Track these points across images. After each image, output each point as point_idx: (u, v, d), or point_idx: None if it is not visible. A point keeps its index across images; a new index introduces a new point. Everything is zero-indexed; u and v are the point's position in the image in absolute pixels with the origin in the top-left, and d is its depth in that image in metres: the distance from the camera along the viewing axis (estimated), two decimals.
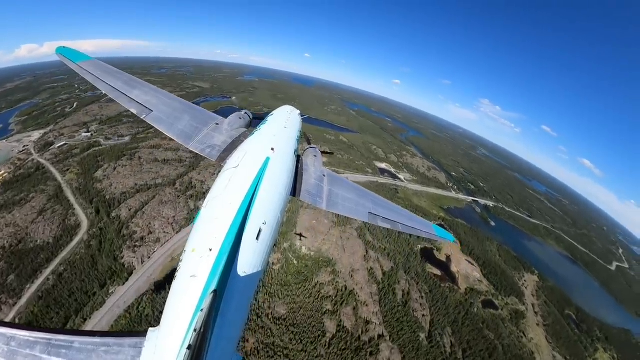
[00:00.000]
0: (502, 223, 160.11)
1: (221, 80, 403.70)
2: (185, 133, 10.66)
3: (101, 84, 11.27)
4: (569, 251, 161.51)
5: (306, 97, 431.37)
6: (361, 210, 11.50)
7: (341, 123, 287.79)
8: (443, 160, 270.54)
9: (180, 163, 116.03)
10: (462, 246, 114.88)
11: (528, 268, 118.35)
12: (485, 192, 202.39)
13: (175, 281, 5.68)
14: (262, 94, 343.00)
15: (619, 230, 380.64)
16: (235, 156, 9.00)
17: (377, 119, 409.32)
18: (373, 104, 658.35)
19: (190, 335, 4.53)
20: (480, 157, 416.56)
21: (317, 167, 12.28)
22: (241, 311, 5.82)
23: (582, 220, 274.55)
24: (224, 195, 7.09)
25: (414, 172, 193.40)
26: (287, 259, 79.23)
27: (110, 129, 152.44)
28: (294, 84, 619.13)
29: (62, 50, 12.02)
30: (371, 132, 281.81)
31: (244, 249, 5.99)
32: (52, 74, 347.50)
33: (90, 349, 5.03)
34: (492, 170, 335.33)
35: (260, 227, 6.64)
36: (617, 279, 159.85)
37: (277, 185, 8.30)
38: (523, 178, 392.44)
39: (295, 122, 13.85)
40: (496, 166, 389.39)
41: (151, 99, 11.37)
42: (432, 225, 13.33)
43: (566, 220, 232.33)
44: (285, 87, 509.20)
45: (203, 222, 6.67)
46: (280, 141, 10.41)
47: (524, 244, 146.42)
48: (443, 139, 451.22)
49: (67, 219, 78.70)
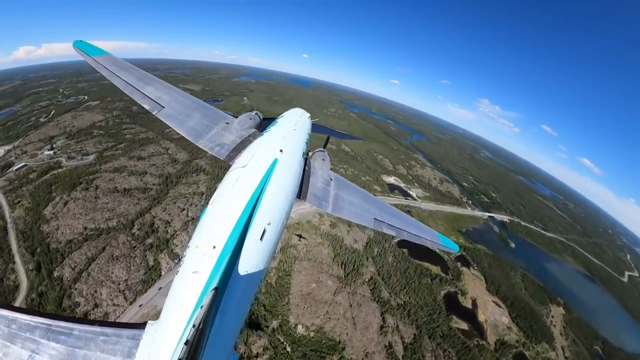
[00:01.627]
0: (521, 242, 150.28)
1: (215, 82, 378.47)
2: (196, 131, 10.56)
3: (116, 78, 11.21)
4: (585, 267, 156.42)
5: (304, 98, 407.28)
6: (366, 216, 11.11)
7: (342, 128, 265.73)
8: (452, 168, 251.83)
9: (144, 193, 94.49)
10: (487, 283, 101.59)
11: (553, 299, 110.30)
12: (499, 204, 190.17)
13: (177, 276, 5.61)
14: (256, 96, 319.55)
15: (621, 231, 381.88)
16: (243, 156, 8.91)
17: (378, 122, 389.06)
18: (373, 105, 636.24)
19: (188, 331, 4.47)
20: (485, 161, 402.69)
21: (325, 170, 11.83)
22: (241, 310, 5.76)
23: (589, 225, 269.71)
24: (230, 194, 7.02)
25: (426, 186, 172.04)
26: (276, 345, 56.66)
27: (77, 144, 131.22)
28: (291, 85, 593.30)
29: (79, 44, 12.02)
30: (375, 138, 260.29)
31: (247, 249, 5.88)
32: (42, 77, 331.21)
33: (89, 337, 5.01)
34: (499, 175, 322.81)
35: (265, 227, 6.49)
36: (631, 292, 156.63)
37: (284, 186, 8.11)
38: (527, 181, 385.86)
39: (304, 124, 13.37)
40: (501, 170, 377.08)
41: (163, 96, 11.21)
42: (438, 234, 12.80)
43: (576, 228, 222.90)
44: (282, 88, 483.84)
45: (208, 219, 6.60)
46: (289, 143, 10.11)
47: (545, 266, 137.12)
48: (446, 142, 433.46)
49: (5, 277, 60.63)
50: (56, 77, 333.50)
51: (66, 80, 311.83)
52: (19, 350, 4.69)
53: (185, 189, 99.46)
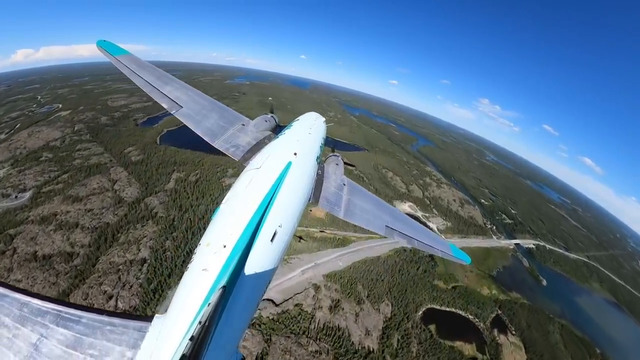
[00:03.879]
0: (551, 275, 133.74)
1: (205, 85, 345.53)
2: (212, 131, 10.68)
3: (136, 77, 11.27)
4: (612, 292, 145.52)
5: (301, 102, 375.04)
6: (378, 223, 10.85)
7: (344, 136, 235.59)
8: (465, 180, 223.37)
9: (67, 264, 63.82)
10: (528, 353, 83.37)
11: (592, 352, 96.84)
12: (520, 224, 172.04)
13: (186, 272, 5.58)
14: (248, 99, 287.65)
15: (627, 232, 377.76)
16: (258, 157, 8.84)
17: (381, 126, 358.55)
18: (373, 106, 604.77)
19: (194, 327, 4.45)
20: (492, 166, 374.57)
21: (338, 175, 11.68)
22: (247, 311, 5.67)
23: (601, 233, 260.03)
24: (243, 194, 6.98)
25: (446, 212, 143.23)
26: None
27: (19, 174, 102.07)
28: (288, 87, 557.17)
29: (102, 43, 12.01)
30: (380, 148, 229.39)
31: (257, 249, 5.84)
32: (30, 82, 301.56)
33: (97, 325, 5.05)
34: (510, 183, 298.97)
35: (276, 229, 6.42)
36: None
37: (297, 190, 8.03)
38: (535, 185, 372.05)
39: (319, 129, 13.13)
40: (510, 175, 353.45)
41: (182, 96, 11.28)
42: (450, 245, 12.24)
43: (592, 241, 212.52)
44: (278, 90, 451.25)
45: (220, 218, 6.58)
46: (303, 147, 9.86)
47: (578, 303, 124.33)
48: (452, 146, 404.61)
49: None
50: (42, 82, 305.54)
51: (50, 85, 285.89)
52: (29, 333, 4.78)
53: (120, 254, 69.53)
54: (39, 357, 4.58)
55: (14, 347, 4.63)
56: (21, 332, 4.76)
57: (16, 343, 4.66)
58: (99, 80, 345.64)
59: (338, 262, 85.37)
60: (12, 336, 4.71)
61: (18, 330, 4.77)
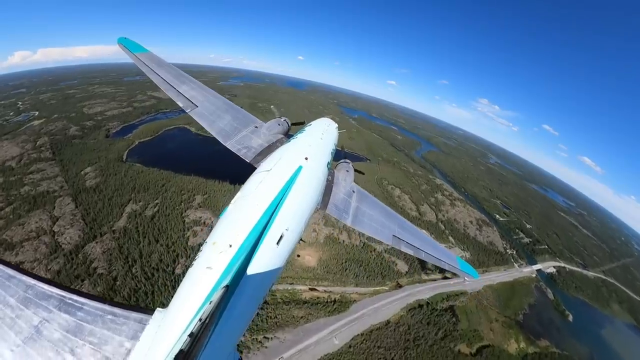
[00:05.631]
0: (575, 304, 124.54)
1: None
2: (225, 132, 10.70)
3: (154, 75, 11.44)
4: (632, 314, 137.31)
5: (295, 103, 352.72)
6: (386, 232, 10.66)
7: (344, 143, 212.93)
8: (477, 192, 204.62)
9: None
10: None
11: None
12: (537, 242, 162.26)
13: (191, 269, 5.55)
14: (238, 102, 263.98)
15: (629, 233, 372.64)
16: (269, 160, 8.84)
17: (382, 130, 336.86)
18: (372, 108, 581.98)
19: (194, 324, 4.45)
20: (499, 170, 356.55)
21: (348, 182, 11.55)
22: (248, 311, 5.59)
23: (608, 237, 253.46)
24: (252, 196, 6.90)
25: (463, 238, 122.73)
26: None
27: None
28: (283, 88, 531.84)
29: (123, 40, 12.07)
30: (384, 157, 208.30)
31: (262, 251, 5.76)
32: (19, 86, 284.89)
33: (98, 314, 5.06)
34: (519, 190, 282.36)
35: (283, 232, 6.35)
36: None
37: (306, 194, 7.92)
38: (541, 189, 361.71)
39: (331, 134, 13.08)
40: (517, 181, 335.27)
41: (197, 95, 11.43)
42: (457, 258, 11.90)
43: (604, 251, 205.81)
44: (272, 92, 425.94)
45: (228, 218, 6.53)
46: (314, 152, 9.86)
47: (603, 336, 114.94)
48: (455, 149, 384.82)
49: None
50: (30, 86, 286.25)
51: (35, 89, 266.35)
52: (31, 315, 4.82)
53: None
54: (39, 339, 4.61)
55: (16, 327, 4.67)
56: (24, 314, 4.81)
57: (18, 323, 4.71)
58: (86, 83, 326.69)
59: (333, 340, 62.05)
60: (15, 316, 4.76)
61: (21, 311, 4.82)
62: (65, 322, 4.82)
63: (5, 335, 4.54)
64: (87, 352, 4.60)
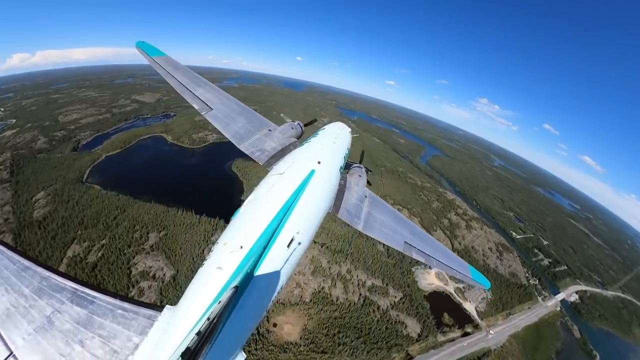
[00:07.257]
0: (600, 338, 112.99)
1: None
2: (239, 134, 10.61)
3: (170, 78, 11.37)
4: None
5: (291, 105, 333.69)
6: (397, 239, 10.09)
7: None
8: (489, 204, 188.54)
9: None
10: None
11: None
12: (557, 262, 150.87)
13: (201, 269, 5.59)
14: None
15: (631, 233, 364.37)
16: (282, 163, 8.91)
17: (383, 133, 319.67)
18: (371, 109, 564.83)
19: (202, 323, 4.39)
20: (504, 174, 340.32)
21: (360, 187, 11.10)
22: (256, 313, 5.60)
23: (616, 242, 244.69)
24: (264, 198, 6.92)
25: (484, 271, 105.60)
26: None
27: None
28: (280, 90, 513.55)
29: (141, 44, 12.19)
30: (387, 166, 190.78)
31: (273, 253, 5.77)
32: (8, 90, 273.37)
33: (109, 308, 5.10)
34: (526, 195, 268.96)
35: (294, 235, 6.32)
36: None
37: (318, 198, 7.89)
38: (547, 193, 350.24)
39: (344, 139, 12.95)
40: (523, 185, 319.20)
41: (212, 98, 11.39)
42: (469, 267, 10.93)
43: (617, 261, 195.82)
44: (268, 93, 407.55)
45: (240, 219, 6.55)
46: (327, 156, 9.81)
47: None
48: (459, 152, 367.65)
49: None
50: (20, 91, 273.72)
51: (22, 94, 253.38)
52: (44, 306, 4.88)
53: None
54: (51, 329, 4.65)
55: (29, 316, 4.72)
56: (37, 304, 4.87)
57: (31, 313, 4.76)
58: (75, 86, 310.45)
59: None
60: (29, 306, 4.82)
61: (35, 302, 4.89)
62: (76, 314, 4.88)
63: (18, 323, 4.61)
64: (96, 345, 4.64)
